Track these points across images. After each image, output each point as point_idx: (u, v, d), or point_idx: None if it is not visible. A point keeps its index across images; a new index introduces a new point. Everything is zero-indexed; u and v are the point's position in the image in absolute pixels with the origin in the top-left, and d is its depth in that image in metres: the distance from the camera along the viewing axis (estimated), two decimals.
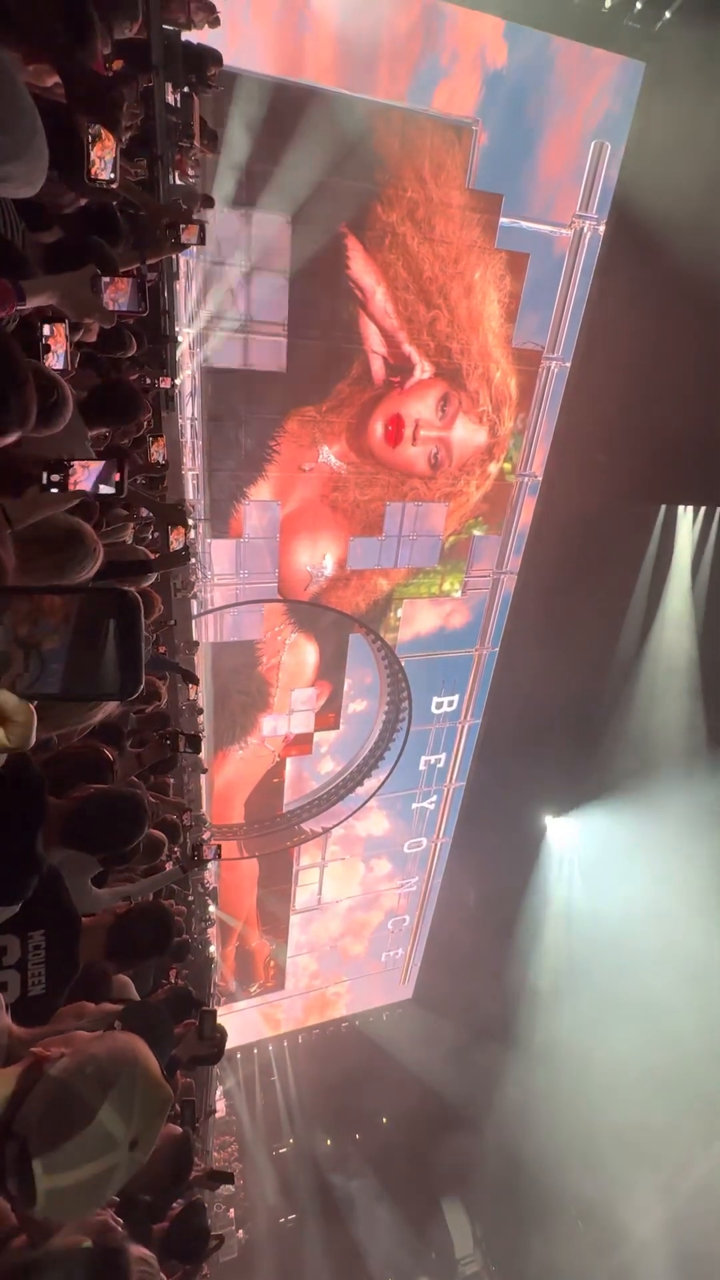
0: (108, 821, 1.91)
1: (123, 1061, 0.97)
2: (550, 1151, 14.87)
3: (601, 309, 10.67)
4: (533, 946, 15.92)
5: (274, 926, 15.60)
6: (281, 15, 8.02)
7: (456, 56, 8.81)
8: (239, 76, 7.90)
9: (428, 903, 17.34)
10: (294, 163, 8.61)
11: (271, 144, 8.45)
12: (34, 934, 1.57)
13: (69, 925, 1.69)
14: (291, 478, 10.80)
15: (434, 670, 13.68)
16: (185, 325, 8.81)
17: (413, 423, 10.91)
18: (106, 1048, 0.98)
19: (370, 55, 8.49)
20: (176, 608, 8.43)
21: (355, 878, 16.06)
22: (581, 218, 10.24)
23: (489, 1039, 16.24)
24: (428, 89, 8.89)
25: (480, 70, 8.93)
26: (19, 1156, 0.87)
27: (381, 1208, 17.76)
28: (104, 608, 0.83)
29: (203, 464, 10.06)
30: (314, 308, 9.69)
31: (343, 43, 8.32)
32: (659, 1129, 13.80)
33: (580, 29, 8.79)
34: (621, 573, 12.56)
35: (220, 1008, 14.72)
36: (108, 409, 2.62)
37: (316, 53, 8.28)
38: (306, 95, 8.39)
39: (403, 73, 8.71)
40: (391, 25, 8.42)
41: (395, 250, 9.70)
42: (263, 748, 13.20)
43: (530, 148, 9.58)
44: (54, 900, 1.64)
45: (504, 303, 10.54)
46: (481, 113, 9.18)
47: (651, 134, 9.44)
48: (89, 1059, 0.95)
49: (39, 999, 1.55)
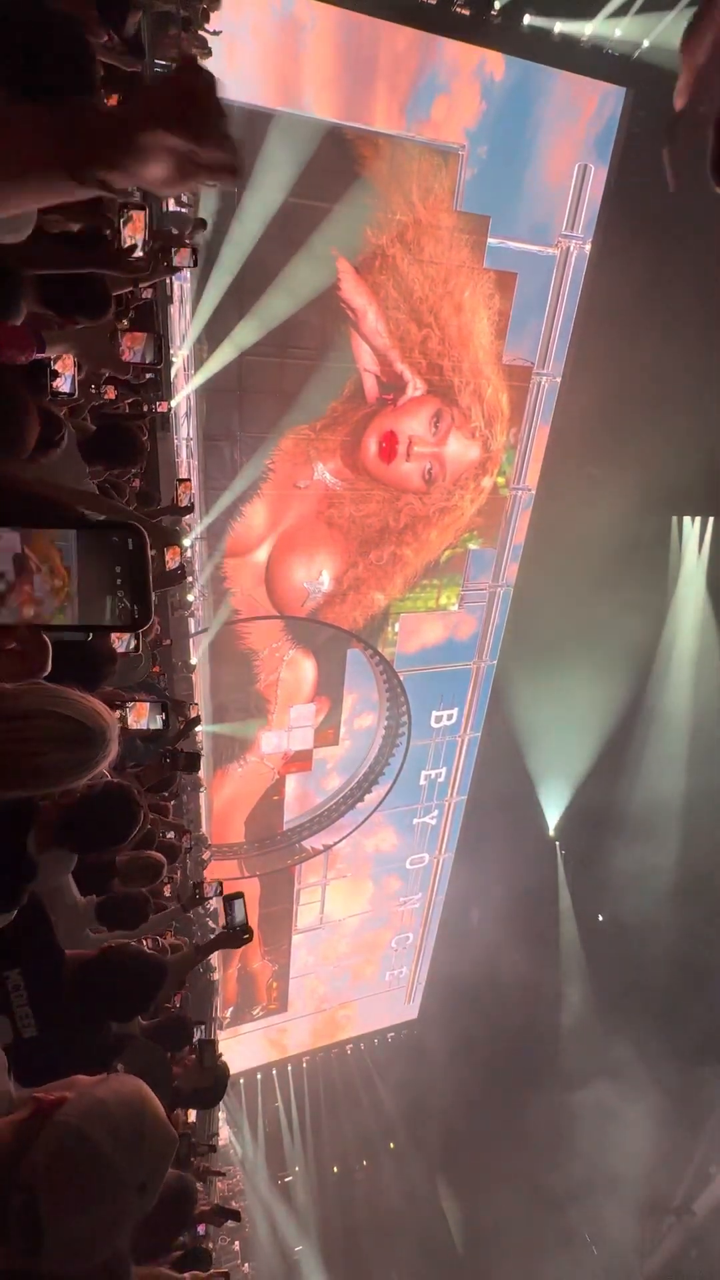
0: (101, 818, 1.85)
1: (132, 1103, 0.95)
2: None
3: (589, 325, 10.85)
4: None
5: (276, 947, 15.39)
6: (277, 48, 8.22)
7: (446, 86, 9.03)
8: (237, 107, 8.07)
9: (431, 919, 17.14)
10: (283, 188, 8.78)
11: (265, 170, 8.61)
12: (10, 973, 1.51)
13: (48, 960, 1.62)
14: (287, 495, 10.87)
15: (432, 684, 13.66)
16: (180, 348, 8.92)
17: (406, 439, 11.01)
18: (112, 1091, 0.96)
19: (363, 86, 8.69)
20: (173, 626, 8.43)
21: (360, 895, 15.89)
22: (568, 237, 10.44)
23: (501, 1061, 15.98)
24: (417, 117, 9.10)
25: (467, 98, 9.16)
26: (25, 1206, 0.85)
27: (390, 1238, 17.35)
28: (112, 544, 0.86)
29: (198, 483, 10.12)
30: (306, 328, 9.82)
31: (336, 74, 8.53)
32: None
33: (564, 58, 9.04)
34: (619, 582, 12.61)
35: (223, 1032, 14.48)
36: (107, 451, 2.66)
37: (310, 84, 8.49)
38: (298, 124, 8.57)
39: (393, 103, 8.92)
40: (383, 57, 8.63)
41: (386, 271, 9.86)
42: (262, 765, 13.12)
43: (516, 171, 9.79)
44: (32, 935, 1.58)
45: (493, 320, 10.70)
46: (468, 138, 9.39)
47: (634, 156, 9.69)
48: (97, 1101, 0.93)
49: (34, 1042, 1.50)
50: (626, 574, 12.10)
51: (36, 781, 1.14)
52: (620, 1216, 14.72)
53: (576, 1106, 14.64)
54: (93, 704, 1.20)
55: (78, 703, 1.17)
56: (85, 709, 1.17)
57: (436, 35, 8.66)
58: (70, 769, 1.15)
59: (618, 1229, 14.86)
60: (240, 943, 2.80)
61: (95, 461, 2.66)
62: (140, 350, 2.21)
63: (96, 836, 1.87)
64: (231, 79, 7.79)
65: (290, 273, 9.31)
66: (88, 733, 1.16)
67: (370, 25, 8.44)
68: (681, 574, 12.60)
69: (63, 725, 1.13)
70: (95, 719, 1.18)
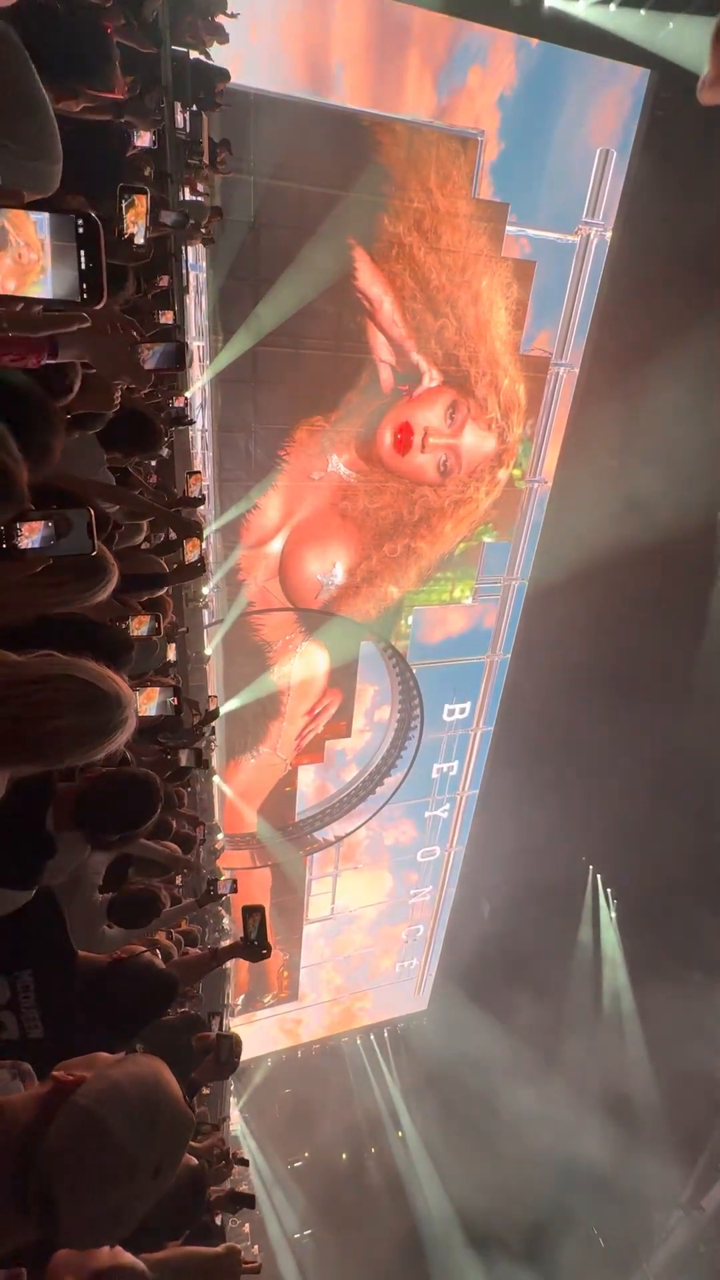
0: (120, 800, 1.86)
1: (148, 1087, 0.96)
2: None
3: (610, 314, 10.66)
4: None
5: (288, 936, 15.53)
6: (294, 32, 8.13)
7: (465, 71, 8.88)
8: (252, 94, 8.01)
9: (442, 911, 17.19)
10: (302, 177, 8.71)
11: (282, 159, 8.55)
12: (21, 974, 1.50)
13: (61, 962, 1.61)
14: (301, 487, 10.85)
15: (445, 677, 13.62)
16: (195, 338, 8.90)
17: (421, 430, 10.93)
18: (129, 1073, 0.97)
19: (380, 71, 8.58)
20: (188, 617, 8.48)
21: (378, 887, 15.97)
22: (588, 224, 10.25)
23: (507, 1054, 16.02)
24: (435, 102, 8.96)
25: (487, 83, 9.00)
26: (43, 1187, 0.86)
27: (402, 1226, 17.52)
28: (68, 228, 1.08)
29: (213, 474, 10.13)
30: (322, 318, 9.76)
31: (353, 59, 8.42)
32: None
33: (587, 41, 8.84)
34: (635, 575, 12.43)
35: (234, 1019, 14.66)
36: (124, 437, 2.64)
37: (326, 70, 8.39)
38: (317, 111, 8.49)
39: (410, 88, 8.79)
40: (401, 41, 8.50)
41: (402, 260, 9.75)
42: (274, 756, 13.19)
43: (535, 157, 9.61)
44: (46, 934, 1.57)
45: (511, 310, 10.55)
46: (486, 123, 9.23)
47: (656, 141, 9.47)
48: (114, 1085, 0.94)
49: (39, 1043, 1.50)
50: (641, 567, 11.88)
51: (53, 748, 1.11)
52: (628, 1210, 14.74)
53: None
54: (108, 672, 1.19)
55: (93, 669, 1.16)
56: (100, 674, 1.17)
57: (456, 18, 8.52)
58: (87, 735, 1.13)
59: (624, 1223, 14.89)
60: (258, 957, 2.74)
61: (113, 448, 2.65)
62: (159, 358, 2.22)
63: (113, 818, 1.86)
64: (247, 64, 7.72)
65: (306, 262, 9.24)
66: (103, 696, 1.14)
67: (390, 7, 8.32)
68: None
69: (79, 689, 1.12)
70: (111, 684, 1.17)
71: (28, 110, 1.61)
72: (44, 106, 1.65)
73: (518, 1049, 15.67)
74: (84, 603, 1.50)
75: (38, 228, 1.05)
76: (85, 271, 1.10)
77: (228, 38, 6.37)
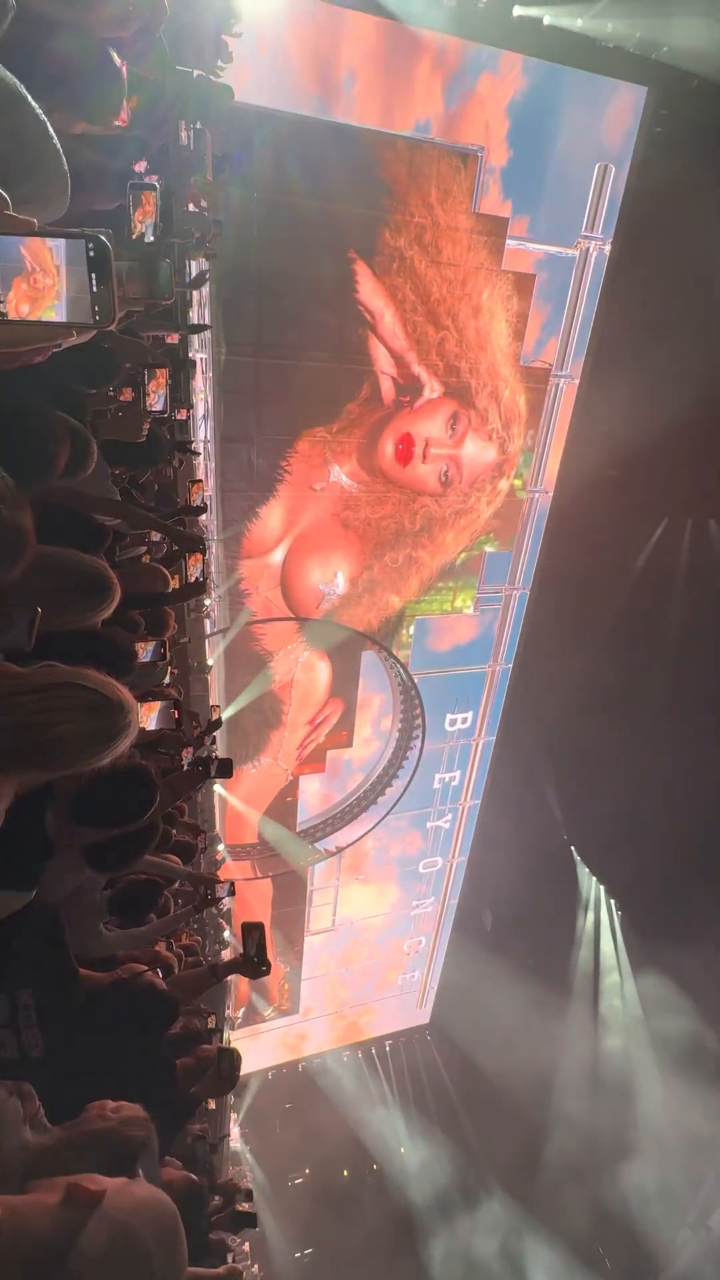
0: (119, 795, 1.85)
1: (164, 1207, 1.01)
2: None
3: (609, 326, 10.74)
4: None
5: (288, 949, 15.41)
6: (295, 50, 8.26)
7: (465, 87, 9.00)
8: (255, 110, 8.12)
9: (444, 923, 17.05)
10: (304, 191, 8.82)
11: (284, 174, 8.66)
12: (22, 993, 1.49)
13: (62, 982, 1.59)
14: (303, 497, 10.89)
15: (447, 687, 13.60)
16: (198, 350, 8.98)
17: (423, 441, 10.98)
18: (149, 1193, 1.01)
19: (382, 88, 8.70)
20: (190, 628, 8.48)
21: (375, 899, 15.85)
22: (587, 238, 10.35)
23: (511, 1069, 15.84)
24: (436, 118, 9.08)
25: (486, 100, 9.12)
26: None
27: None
28: (79, 251, 1.10)
29: (215, 485, 10.18)
30: (324, 331, 9.84)
31: (354, 75, 8.54)
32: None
33: (585, 59, 8.97)
34: (636, 584, 12.45)
35: (235, 1031, 14.52)
36: (131, 451, 2.67)
37: (328, 86, 8.51)
38: (319, 127, 8.61)
39: (412, 104, 8.91)
40: (403, 58, 8.63)
41: (403, 274, 9.85)
42: (276, 766, 13.16)
43: (536, 171, 9.72)
44: (47, 954, 1.55)
45: (511, 322, 10.64)
46: (488, 139, 9.35)
47: (655, 156, 9.58)
48: (140, 1203, 0.98)
49: (39, 1063, 1.49)
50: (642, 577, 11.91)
51: (59, 754, 1.12)
52: (634, 1229, 14.49)
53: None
54: (111, 680, 1.21)
55: (96, 677, 1.19)
56: (104, 682, 1.19)
57: (454, 36, 8.64)
58: (91, 740, 1.14)
59: (630, 1242, 14.63)
60: (257, 974, 2.74)
61: (117, 463, 2.68)
62: (164, 395, 2.32)
63: (110, 811, 1.84)
64: (251, 81, 7.84)
65: (308, 275, 9.34)
66: (107, 702, 1.17)
67: (389, 27, 8.44)
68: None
69: (83, 695, 1.15)
70: (115, 691, 1.20)
71: (37, 161, 1.60)
72: (48, 143, 1.64)
73: (520, 1063, 15.49)
74: (86, 621, 1.53)
75: (54, 254, 1.08)
76: (96, 294, 1.13)
77: (231, 57, 6.46)
